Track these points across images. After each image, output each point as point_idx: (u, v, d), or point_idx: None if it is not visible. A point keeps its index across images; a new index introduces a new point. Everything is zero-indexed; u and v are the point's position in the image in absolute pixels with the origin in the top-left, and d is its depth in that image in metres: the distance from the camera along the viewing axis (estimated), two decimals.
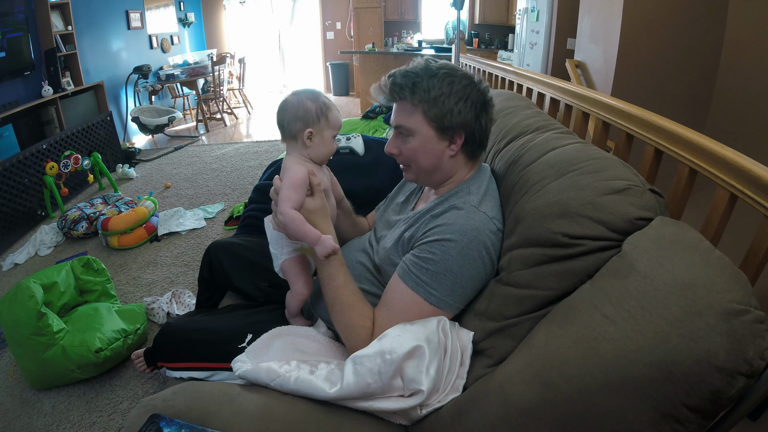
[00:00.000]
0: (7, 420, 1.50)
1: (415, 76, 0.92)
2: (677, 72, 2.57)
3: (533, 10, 4.01)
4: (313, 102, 0.98)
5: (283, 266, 1.04)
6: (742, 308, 0.56)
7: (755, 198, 0.83)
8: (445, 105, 0.91)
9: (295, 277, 1.03)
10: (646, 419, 0.57)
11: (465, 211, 0.89)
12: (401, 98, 0.93)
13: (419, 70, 0.93)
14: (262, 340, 0.97)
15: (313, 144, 0.99)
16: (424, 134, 0.93)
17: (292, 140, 1.00)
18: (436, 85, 0.91)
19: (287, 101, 1.00)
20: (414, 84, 0.91)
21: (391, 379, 0.77)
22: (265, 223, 1.06)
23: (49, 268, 1.81)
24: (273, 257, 1.06)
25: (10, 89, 3.41)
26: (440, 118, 0.91)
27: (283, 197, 0.93)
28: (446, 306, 0.87)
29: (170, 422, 0.69)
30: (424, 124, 0.92)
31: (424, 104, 0.91)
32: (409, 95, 0.91)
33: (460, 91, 0.91)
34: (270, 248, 1.06)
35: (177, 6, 6.28)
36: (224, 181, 3.64)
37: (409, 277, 0.87)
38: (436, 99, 0.90)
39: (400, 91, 0.92)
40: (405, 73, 0.93)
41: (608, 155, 0.91)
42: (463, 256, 0.85)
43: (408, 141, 0.95)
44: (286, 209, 0.91)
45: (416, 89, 0.91)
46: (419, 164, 0.96)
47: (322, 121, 0.98)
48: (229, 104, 6.01)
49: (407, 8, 6.97)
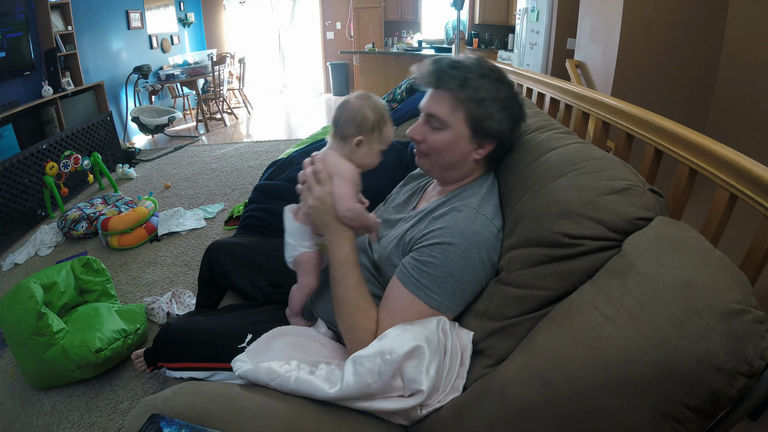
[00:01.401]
0: (7, 420, 1.50)
1: (467, 71, 0.89)
2: (677, 72, 2.57)
3: (533, 10, 4.01)
4: (374, 112, 0.95)
5: (300, 259, 1.02)
6: (742, 308, 0.56)
7: (755, 198, 0.83)
8: (488, 109, 0.89)
9: (309, 270, 1.02)
10: (646, 419, 0.57)
11: (465, 213, 0.89)
12: (448, 89, 0.90)
13: (471, 65, 0.91)
14: (262, 340, 0.97)
15: (360, 152, 0.95)
16: (458, 131, 0.91)
17: (341, 140, 0.97)
18: (485, 87, 0.89)
19: (349, 102, 0.97)
20: (465, 79, 0.89)
21: (391, 379, 0.77)
22: (285, 213, 1.04)
23: (49, 268, 1.81)
24: (288, 248, 1.03)
25: (10, 89, 3.41)
26: (480, 121, 0.90)
27: (344, 194, 0.92)
28: (446, 309, 0.87)
29: (170, 422, 0.69)
30: (461, 121, 0.90)
31: (469, 103, 0.89)
32: (456, 89, 0.89)
33: (504, 100, 0.91)
34: (286, 238, 1.03)
35: (177, 6, 6.28)
36: (224, 181, 3.64)
37: (409, 281, 0.86)
38: (482, 101, 0.89)
39: (449, 81, 0.89)
40: (455, 64, 0.91)
41: (608, 155, 0.91)
42: (463, 260, 0.85)
43: (438, 132, 0.92)
44: (353, 204, 0.91)
45: (466, 85, 0.89)
46: (441, 158, 0.94)
47: (375, 134, 0.96)
48: (229, 104, 6.01)
49: (407, 8, 6.97)
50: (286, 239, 1.03)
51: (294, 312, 1.07)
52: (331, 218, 0.92)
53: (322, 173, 0.94)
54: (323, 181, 0.93)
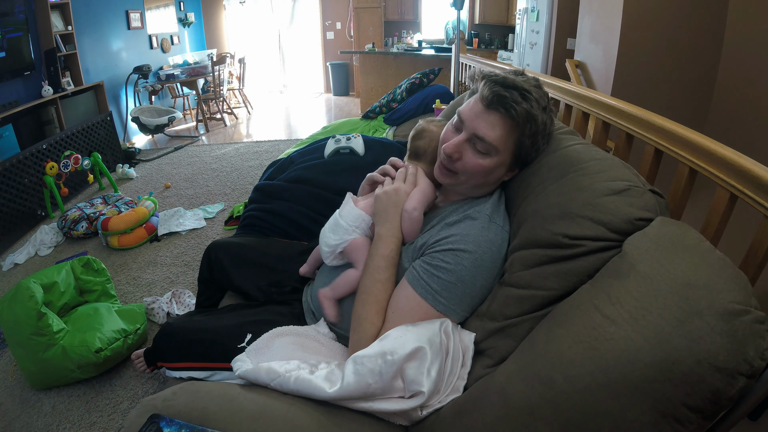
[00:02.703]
0: (7, 420, 1.50)
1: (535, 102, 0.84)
2: (677, 72, 2.57)
3: (533, 10, 4.01)
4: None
5: (355, 243, 1.00)
6: (742, 308, 0.56)
7: (755, 198, 0.83)
8: (537, 142, 0.89)
9: (361, 255, 0.99)
10: (646, 419, 0.57)
11: (480, 221, 0.89)
12: (508, 117, 0.83)
13: (538, 96, 0.85)
14: (262, 339, 0.97)
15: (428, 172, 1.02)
16: (502, 159, 0.88)
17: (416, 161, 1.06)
18: (543, 121, 0.87)
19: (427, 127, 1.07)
20: (531, 114, 0.84)
21: (391, 380, 0.77)
22: (346, 197, 1.06)
23: (49, 268, 1.81)
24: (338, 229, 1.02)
25: (10, 89, 3.41)
26: (525, 153, 0.90)
27: (419, 198, 0.94)
28: (453, 314, 0.87)
29: (170, 422, 0.69)
30: (509, 151, 0.87)
31: (525, 138, 0.86)
32: (522, 123, 0.84)
33: (550, 134, 0.92)
34: (340, 220, 1.02)
35: (177, 6, 6.27)
36: (224, 181, 3.63)
37: (419, 284, 0.86)
38: (536, 135, 0.87)
39: (511, 109, 0.82)
40: (524, 93, 0.83)
41: (608, 156, 0.91)
42: (476, 267, 0.85)
43: (481, 157, 0.87)
44: (421, 209, 0.94)
45: (530, 120, 0.84)
46: (473, 180, 0.90)
47: None
48: (229, 104, 6.00)
49: (407, 8, 6.97)
50: (338, 222, 1.03)
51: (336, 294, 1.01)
52: (395, 212, 0.93)
53: (412, 176, 0.98)
54: (410, 182, 0.97)
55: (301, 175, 1.78)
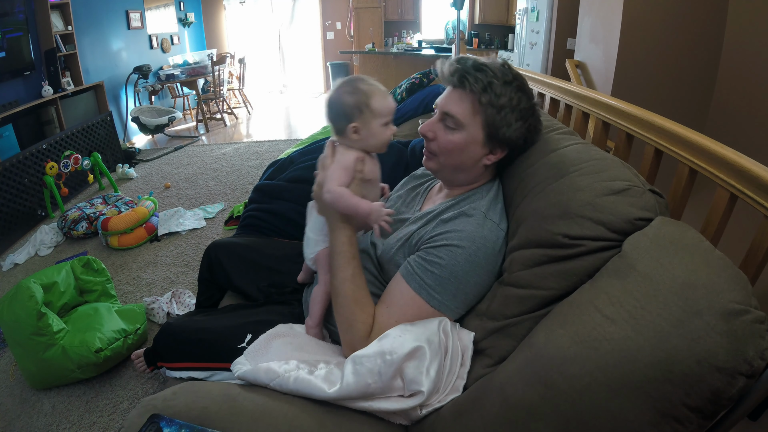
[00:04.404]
0: (7, 420, 1.50)
1: (493, 76, 0.88)
2: (677, 72, 2.57)
3: (533, 10, 4.01)
4: (352, 94, 0.91)
5: (321, 254, 1.00)
6: (742, 308, 0.56)
7: (755, 198, 0.83)
8: (506, 117, 0.89)
9: (325, 266, 0.98)
10: (646, 419, 0.57)
11: (475, 218, 0.89)
12: (470, 90, 0.88)
13: (497, 70, 0.89)
14: (260, 341, 0.96)
15: (361, 137, 0.92)
16: (472, 134, 0.90)
17: (341, 135, 0.94)
18: (508, 94, 0.88)
19: (328, 98, 0.95)
20: (489, 83, 0.87)
21: (391, 380, 0.77)
22: (308, 209, 1.03)
23: (49, 268, 1.81)
24: (309, 243, 1.02)
25: (10, 89, 3.41)
26: (496, 128, 0.89)
27: (331, 176, 0.90)
28: (447, 310, 0.87)
29: (170, 422, 0.69)
30: (478, 125, 0.89)
31: (489, 107, 0.88)
32: (479, 91, 0.87)
33: (523, 111, 0.90)
34: (308, 233, 1.02)
35: (177, 6, 6.27)
36: (224, 181, 3.64)
37: (413, 279, 0.86)
38: (502, 107, 0.88)
39: (472, 83, 0.87)
40: (481, 66, 0.89)
41: (608, 156, 0.91)
42: (470, 263, 0.85)
43: (452, 133, 0.91)
44: (333, 187, 0.88)
45: (488, 89, 0.87)
46: (451, 160, 0.93)
47: (366, 113, 0.91)
48: (229, 104, 6.00)
49: (407, 8, 6.97)
50: (308, 234, 1.02)
51: (315, 322, 1.00)
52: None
53: (327, 159, 0.93)
54: (325, 167, 0.92)
55: (301, 175, 1.77)
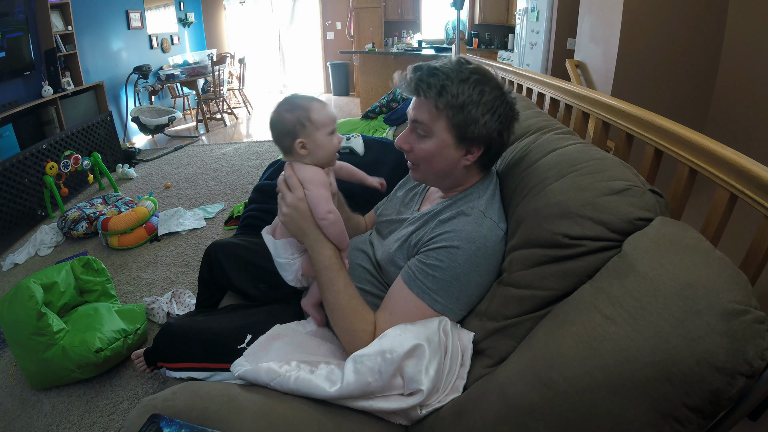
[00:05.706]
0: (7, 420, 1.50)
1: (445, 78, 0.86)
2: (677, 72, 2.57)
3: (533, 10, 4.01)
4: (290, 112, 0.92)
5: (304, 266, 1.00)
6: (742, 308, 0.56)
7: (755, 198, 0.83)
8: (471, 114, 0.86)
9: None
10: (646, 419, 0.57)
11: (473, 217, 0.88)
12: (425, 97, 0.87)
13: (449, 70, 0.87)
14: (260, 342, 0.97)
15: (310, 151, 0.93)
16: (442, 139, 0.88)
17: (290, 155, 0.95)
18: (466, 92, 0.85)
19: (270, 121, 0.95)
20: (442, 87, 0.85)
21: (391, 378, 0.77)
22: (264, 237, 1.03)
23: (49, 268, 1.81)
24: (284, 267, 1.01)
25: (10, 89, 3.41)
26: (463, 128, 0.87)
27: (319, 198, 0.89)
28: (450, 312, 0.87)
29: (170, 422, 0.69)
30: (444, 129, 0.87)
31: (449, 110, 0.86)
32: (434, 97, 0.86)
33: (488, 103, 0.86)
34: (277, 260, 1.02)
35: (177, 6, 6.27)
36: (224, 181, 3.63)
37: (414, 284, 0.86)
38: (462, 106, 0.85)
39: (427, 90, 0.86)
40: (434, 71, 0.87)
41: (608, 156, 0.91)
42: (470, 264, 0.85)
43: (423, 141, 0.90)
44: (332, 207, 0.89)
45: (444, 92, 0.85)
46: (430, 167, 0.92)
47: (308, 127, 0.91)
48: (229, 104, 6.01)
49: (407, 8, 6.97)
50: (277, 261, 1.02)
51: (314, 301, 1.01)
52: (307, 224, 0.91)
53: (291, 179, 0.93)
54: (294, 187, 0.92)
55: None
